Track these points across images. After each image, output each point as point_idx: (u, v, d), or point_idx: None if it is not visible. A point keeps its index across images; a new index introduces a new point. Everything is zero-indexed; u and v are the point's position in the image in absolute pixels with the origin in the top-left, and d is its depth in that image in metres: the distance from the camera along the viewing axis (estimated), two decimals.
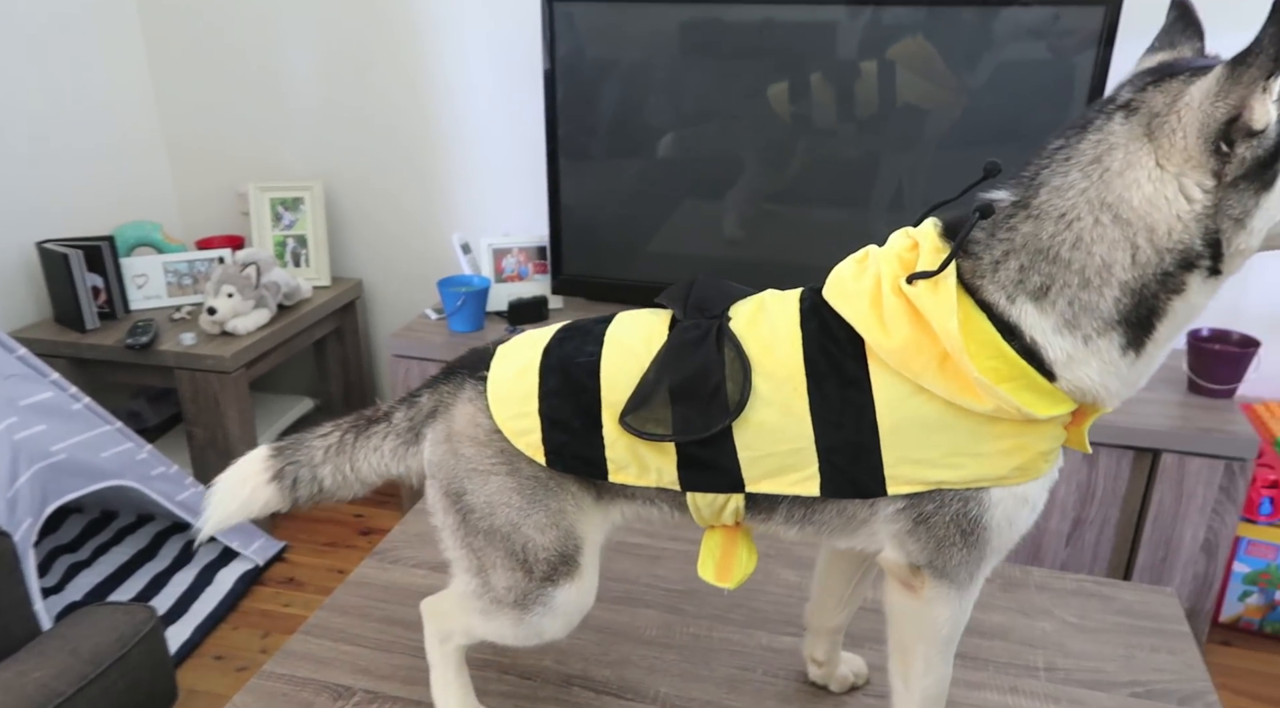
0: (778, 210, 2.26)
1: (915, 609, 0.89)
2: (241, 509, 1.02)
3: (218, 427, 2.32)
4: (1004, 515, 0.82)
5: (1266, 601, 2.05)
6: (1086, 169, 0.74)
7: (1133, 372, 0.78)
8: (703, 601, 1.27)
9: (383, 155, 2.71)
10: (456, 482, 0.93)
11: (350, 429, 1.02)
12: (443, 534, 0.97)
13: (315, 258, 2.72)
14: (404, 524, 1.48)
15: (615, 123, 2.29)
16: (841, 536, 0.90)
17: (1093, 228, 0.74)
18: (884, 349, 0.79)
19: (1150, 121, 0.72)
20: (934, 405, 0.78)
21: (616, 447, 0.88)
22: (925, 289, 0.77)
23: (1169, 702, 1.09)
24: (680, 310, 0.89)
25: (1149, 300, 0.74)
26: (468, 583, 0.97)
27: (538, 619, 0.94)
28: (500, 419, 0.91)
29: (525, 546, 0.91)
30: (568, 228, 2.41)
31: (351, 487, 1.03)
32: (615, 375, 0.88)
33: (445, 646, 1.04)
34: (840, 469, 0.83)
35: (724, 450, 0.85)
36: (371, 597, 1.29)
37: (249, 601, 2.16)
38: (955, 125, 2.07)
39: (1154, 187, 0.72)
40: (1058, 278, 0.75)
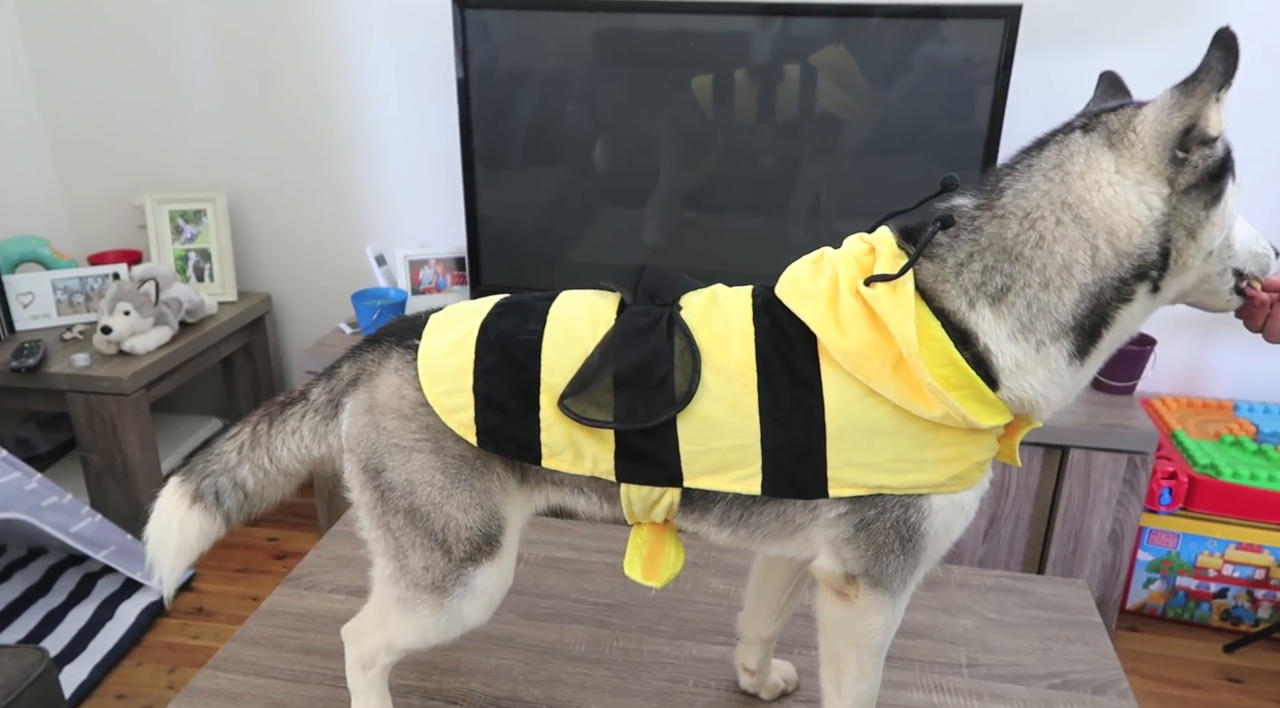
0: (698, 218, 2.27)
1: (848, 618, 0.89)
2: (182, 550, 0.96)
3: (116, 452, 2.19)
4: (942, 523, 0.83)
5: (1168, 587, 2.15)
6: (1049, 173, 0.78)
7: (1073, 382, 0.81)
8: (632, 613, 1.26)
9: (290, 165, 2.62)
10: (376, 457, 0.89)
11: (263, 419, 0.96)
12: (359, 513, 0.93)
13: (220, 272, 2.61)
14: (320, 548, 1.42)
15: (532, 131, 2.27)
16: (775, 541, 0.89)
17: (1055, 227, 0.77)
18: (839, 350, 0.79)
19: (1109, 135, 0.77)
20: (883, 410, 0.79)
21: (553, 431, 0.85)
22: (884, 292, 0.78)
23: (1084, 692, 1.12)
24: (630, 295, 0.87)
25: (1102, 307, 0.77)
26: (384, 567, 0.92)
27: (458, 603, 0.91)
28: (431, 394, 0.86)
29: (447, 526, 0.88)
30: (486, 238, 2.37)
31: (276, 482, 0.97)
32: (557, 357, 0.85)
33: (368, 672, 0.99)
34: (784, 469, 0.82)
35: (665, 443, 0.83)
36: (286, 626, 1.23)
37: (154, 634, 2.05)
38: (869, 135, 2.12)
39: (1114, 190, 0.75)
40: (1019, 277, 0.77)
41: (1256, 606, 2.12)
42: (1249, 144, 1.18)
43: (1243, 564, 2.08)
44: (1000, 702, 1.10)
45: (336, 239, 2.68)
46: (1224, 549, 2.07)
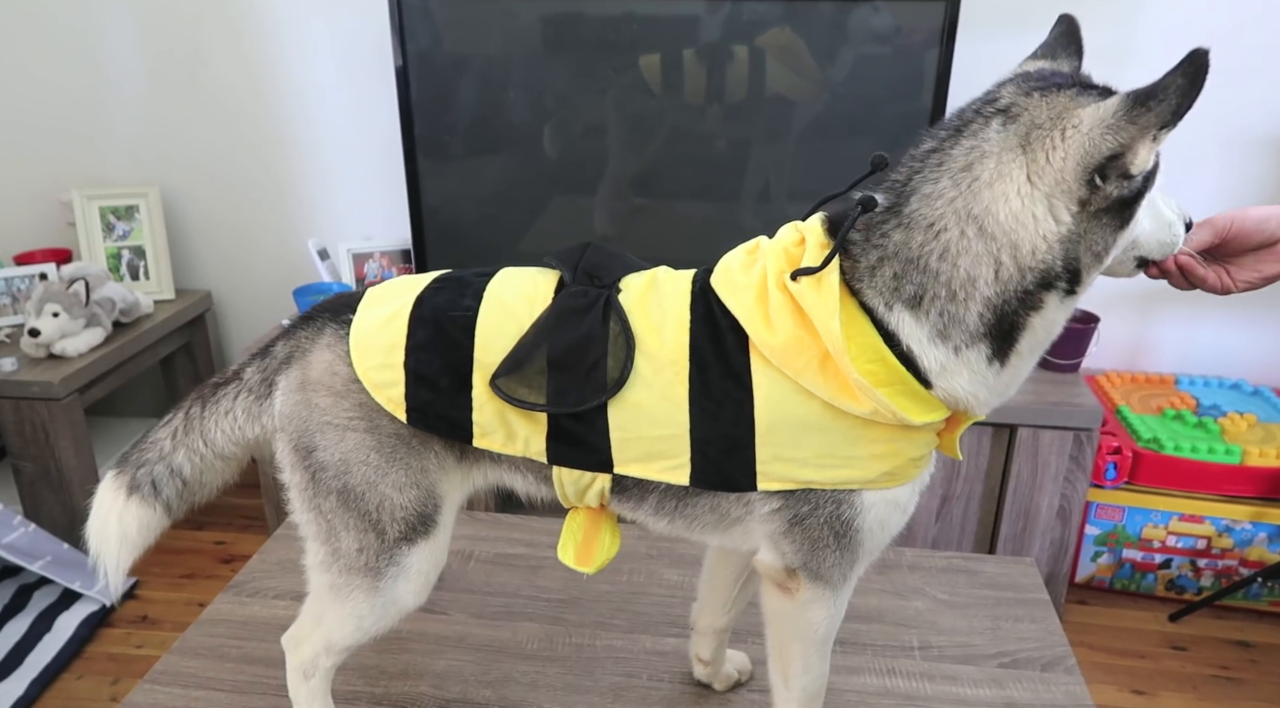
0: (649, 205, 2.25)
1: (791, 611, 0.88)
2: (123, 546, 0.93)
3: (49, 459, 2.11)
4: (876, 519, 0.82)
5: (1115, 560, 2.20)
6: (956, 177, 0.73)
7: (999, 381, 0.79)
8: (585, 609, 1.24)
9: (226, 158, 2.54)
10: (307, 436, 0.86)
11: (195, 402, 0.94)
12: (290, 495, 0.90)
13: (155, 270, 2.52)
14: (263, 552, 1.38)
15: (476, 120, 2.22)
16: (713, 532, 0.88)
17: (959, 240, 0.73)
18: (767, 346, 0.78)
19: (1029, 133, 0.71)
20: (812, 406, 0.78)
21: (484, 411, 0.83)
22: (808, 286, 0.76)
23: (1033, 669, 1.14)
24: (569, 274, 0.85)
25: (1010, 316, 0.75)
26: (316, 552, 0.90)
27: (392, 584, 0.89)
28: (361, 369, 0.84)
29: (381, 505, 0.86)
30: (431, 229, 2.32)
31: (214, 467, 0.95)
32: (491, 335, 0.83)
33: (310, 680, 0.97)
34: (712, 461, 0.81)
35: (595, 428, 0.82)
36: (228, 635, 1.19)
37: (96, 645, 1.98)
38: (817, 118, 2.11)
39: (1022, 203, 0.71)
40: (929, 288, 0.75)
41: (1199, 575, 2.17)
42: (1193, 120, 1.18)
43: (1186, 535, 2.13)
44: (951, 683, 1.11)
45: (277, 233, 2.61)
46: (1168, 521, 2.12)
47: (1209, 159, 2.20)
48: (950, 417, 0.81)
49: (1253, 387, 2.32)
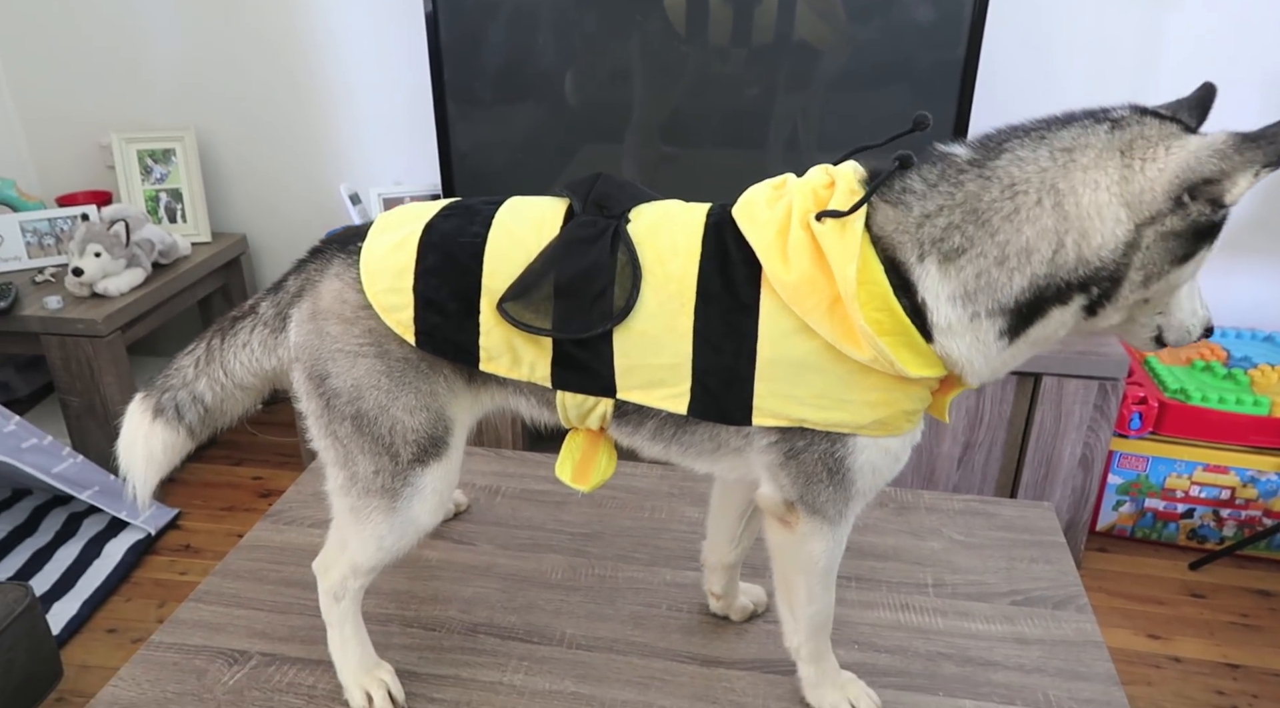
0: (676, 153, 2.24)
1: (792, 544, 0.91)
2: (149, 465, 0.98)
3: (94, 394, 2.19)
4: (868, 462, 0.85)
5: (1137, 508, 2.20)
6: (1056, 153, 0.75)
7: (999, 359, 0.80)
8: (608, 542, 1.28)
9: (259, 102, 2.56)
10: (320, 364, 0.90)
11: (216, 334, 0.98)
12: (308, 423, 0.94)
13: (192, 213, 2.57)
14: (299, 484, 1.43)
15: (506, 66, 2.22)
16: (709, 459, 0.90)
17: (1033, 206, 0.74)
18: (780, 282, 0.79)
19: (1133, 142, 0.73)
20: (814, 345, 0.79)
21: (491, 335, 0.85)
22: (832, 229, 0.77)
23: (1045, 607, 1.16)
24: (579, 203, 0.87)
25: (1042, 301, 0.76)
26: (335, 477, 0.94)
27: (407, 504, 0.92)
28: (371, 292, 0.87)
29: (393, 429, 0.89)
30: (461, 175, 2.34)
31: (234, 397, 0.99)
32: (499, 261, 0.85)
33: (341, 603, 1.01)
34: (711, 392, 0.83)
35: (600, 355, 0.84)
36: (266, 560, 1.25)
37: (142, 571, 2.08)
38: (847, 66, 2.08)
39: (1108, 197, 0.72)
40: (977, 244, 0.75)
41: (1221, 525, 2.17)
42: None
43: (1209, 485, 2.13)
44: (964, 618, 1.14)
45: (310, 178, 2.64)
46: (1192, 471, 2.12)
47: (1252, 103, 2.14)
48: (944, 378, 0.83)
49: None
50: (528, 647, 1.09)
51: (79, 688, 1.73)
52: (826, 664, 0.99)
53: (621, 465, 1.48)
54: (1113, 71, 2.18)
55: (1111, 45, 2.16)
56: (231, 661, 1.07)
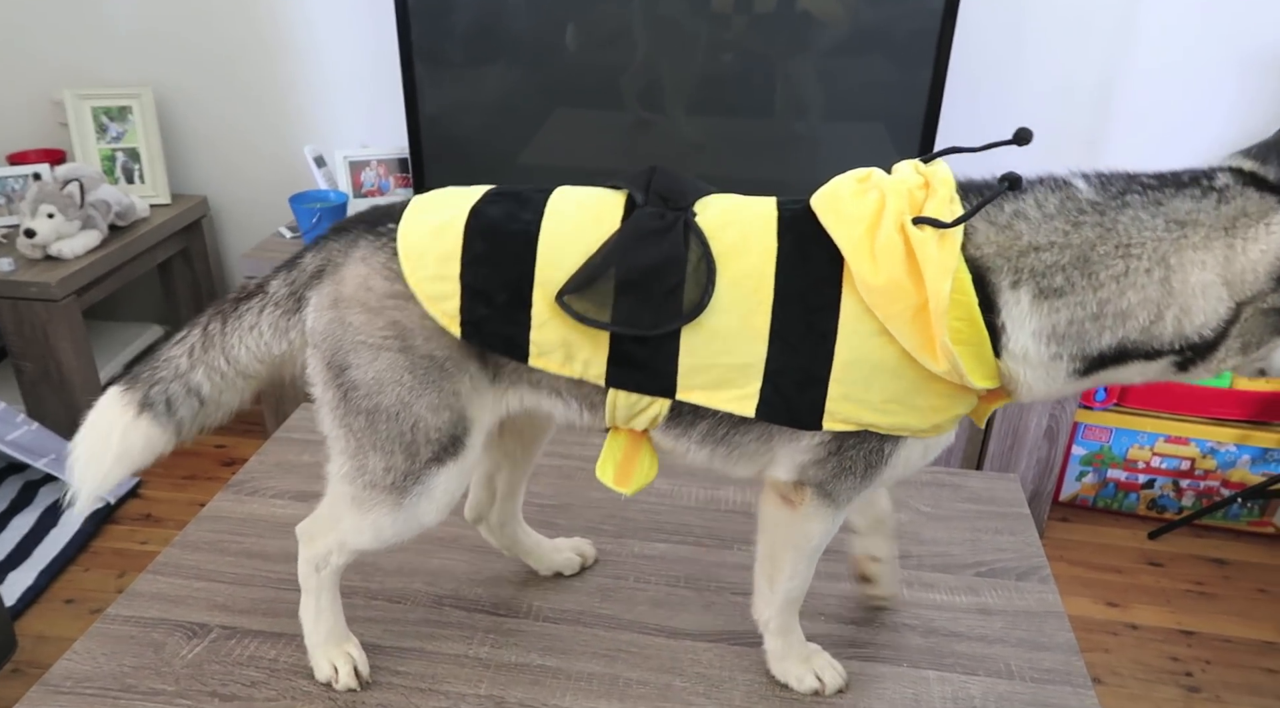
0: (653, 119, 2.20)
1: (789, 521, 0.90)
2: (119, 463, 0.90)
3: (49, 359, 2.13)
4: (905, 458, 0.84)
5: (1099, 479, 2.24)
6: (1170, 226, 0.73)
7: (1061, 391, 0.80)
8: (576, 514, 1.27)
9: (220, 60, 2.48)
10: (340, 355, 0.85)
11: (214, 318, 0.91)
12: (320, 410, 0.89)
13: (150, 173, 2.50)
14: (262, 453, 1.41)
15: (476, 27, 2.16)
16: (747, 463, 0.88)
17: (1143, 275, 0.73)
18: (865, 284, 0.76)
19: (1236, 220, 0.72)
20: (891, 351, 0.77)
21: (545, 329, 0.81)
22: (930, 238, 0.74)
23: (1008, 578, 1.17)
24: (641, 195, 0.82)
25: (1126, 356, 0.76)
26: (341, 465, 0.89)
27: (415, 502, 0.88)
28: (414, 279, 0.81)
29: (415, 427, 0.85)
30: (430, 139, 2.29)
31: (235, 386, 0.92)
32: (554, 251, 0.80)
33: (320, 572, 0.97)
34: (782, 394, 0.80)
35: (664, 353, 0.80)
36: (227, 531, 1.22)
37: (101, 541, 2.04)
38: (823, 34, 2.05)
39: (1212, 276, 0.72)
40: (1080, 294, 0.74)
41: (1181, 495, 2.22)
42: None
43: (1170, 456, 2.17)
44: (928, 590, 1.15)
45: (273, 139, 2.57)
46: (1153, 442, 2.16)
47: (1227, 80, 2.14)
48: (993, 390, 0.81)
49: None
50: (494, 619, 1.08)
51: (35, 659, 1.70)
52: (794, 638, 0.99)
53: (591, 435, 1.47)
54: (1086, 43, 2.17)
55: (1085, 18, 2.15)
56: (191, 634, 1.05)
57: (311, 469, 1.36)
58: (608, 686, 0.99)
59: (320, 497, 1.28)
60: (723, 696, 0.98)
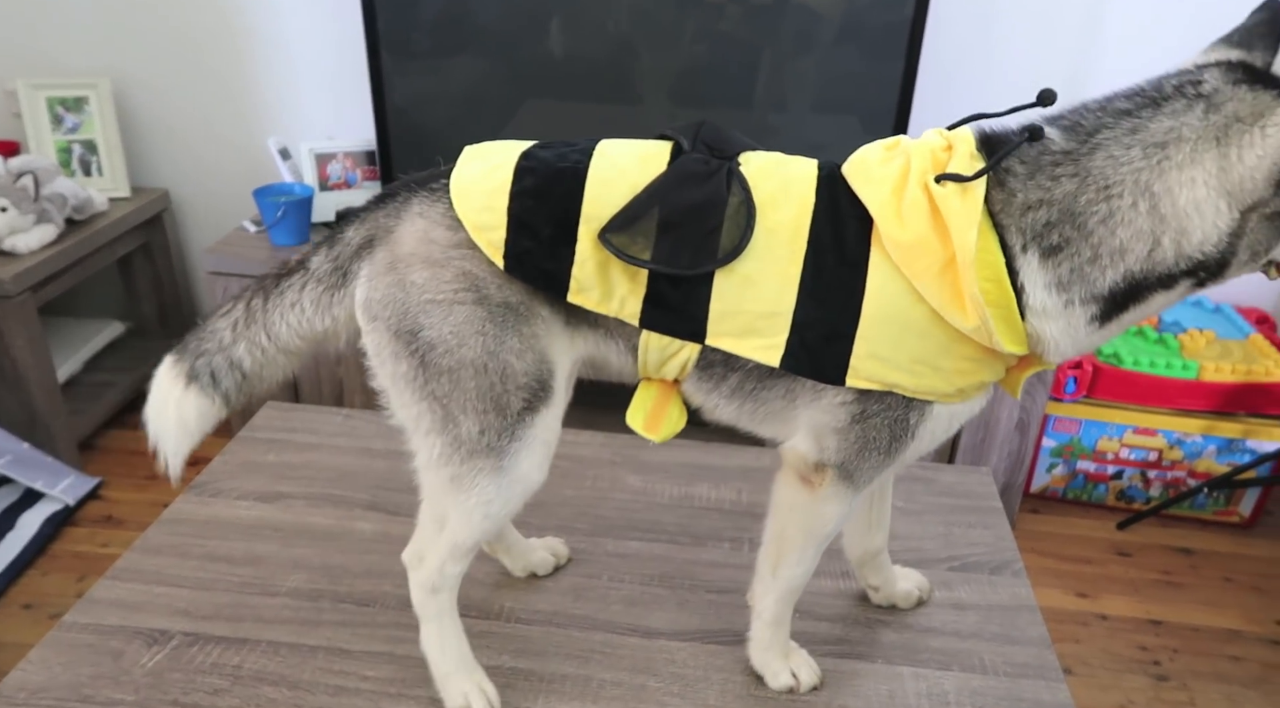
0: (624, 111, 2.18)
1: (806, 503, 0.89)
2: (182, 432, 0.91)
3: (3, 357, 2.07)
4: (931, 429, 0.84)
5: (1069, 471, 2.26)
6: (1149, 150, 0.73)
7: (1088, 340, 0.80)
8: (549, 512, 1.26)
9: (182, 49, 2.42)
10: (409, 318, 0.82)
11: (257, 293, 0.90)
12: (395, 390, 0.86)
13: (109, 166, 2.43)
14: (226, 453, 1.38)
15: (443, 16, 2.13)
16: (773, 421, 0.88)
17: (1128, 210, 0.73)
18: (893, 241, 0.77)
19: (1229, 126, 0.70)
20: (919, 310, 0.77)
21: (586, 266, 0.80)
22: (954, 193, 0.75)
23: (981, 572, 1.17)
24: (689, 142, 0.83)
25: (1140, 290, 0.75)
26: (432, 447, 0.86)
27: (514, 461, 0.86)
28: (462, 210, 0.81)
29: (505, 375, 0.83)
30: (398, 130, 2.25)
31: (276, 362, 0.91)
32: (601, 189, 0.80)
33: (439, 595, 0.94)
34: (808, 346, 0.80)
35: (696, 296, 0.80)
36: (189, 534, 1.19)
37: (61, 544, 1.99)
38: (796, 26, 2.04)
39: (1206, 193, 0.71)
40: (1073, 244, 0.75)
41: (1149, 485, 2.24)
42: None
43: (1138, 447, 2.19)
44: None
45: (237, 130, 2.52)
46: (1122, 434, 2.18)
47: None
48: (1024, 356, 0.81)
49: (1214, 304, 2.35)
50: (465, 621, 1.06)
51: None
52: (782, 631, 0.99)
53: (564, 433, 1.45)
54: (1055, 35, 2.18)
55: (1054, 10, 2.16)
56: (151, 641, 1.02)
57: (277, 469, 1.33)
58: (581, 687, 0.98)
59: (287, 497, 1.26)
60: (697, 695, 0.97)
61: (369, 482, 1.30)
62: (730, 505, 1.28)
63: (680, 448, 1.40)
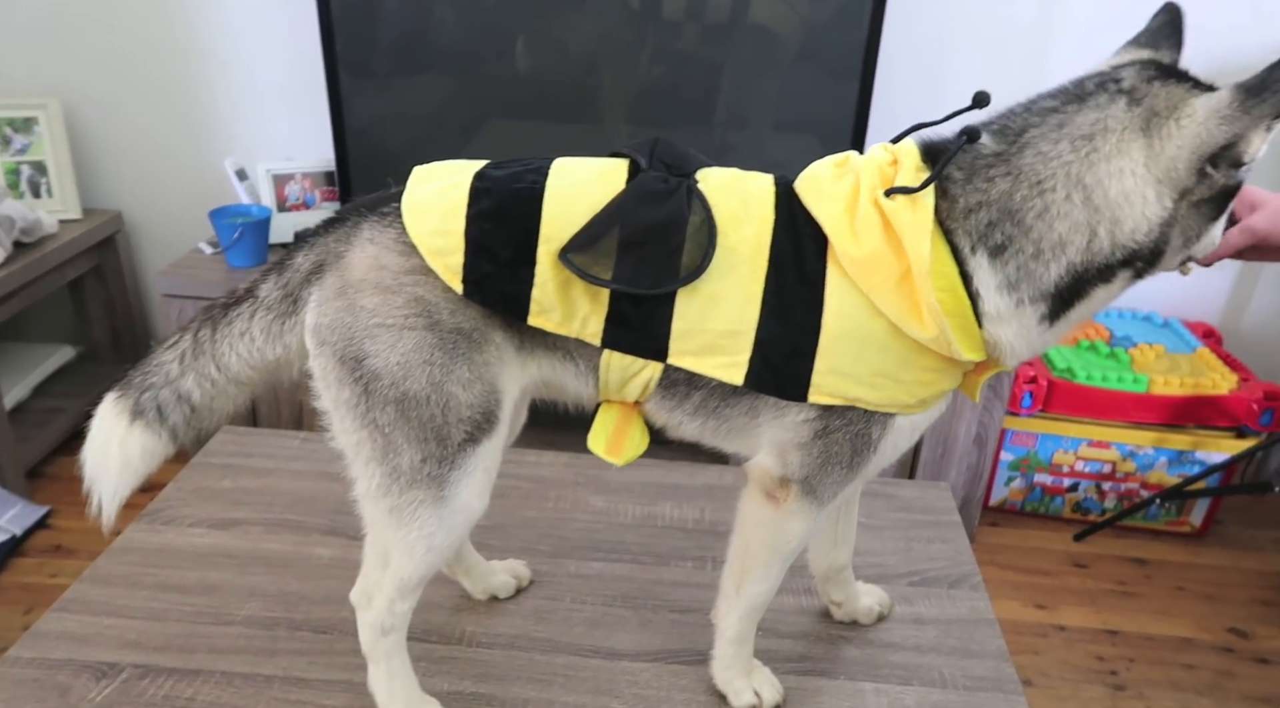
0: (586, 130, 2.19)
1: (771, 519, 0.89)
2: (125, 472, 0.88)
3: None
4: (893, 442, 0.85)
5: (1027, 484, 2.30)
6: (1076, 143, 0.75)
7: (1039, 340, 0.81)
8: (510, 534, 1.25)
9: (135, 68, 2.39)
10: (355, 344, 0.81)
11: (204, 323, 0.88)
12: (338, 415, 0.84)
13: (59, 187, 2.39)
14: (179, 479, 1.35)
15: (403, 35, 2.13)
16: (736, 437, 0.88)
17: (1062, 203, 0.75)
18: (848, 256, 0.78)
19: (1149, 119, 0.73)
20: (877, 324, 0.78)
21: (546, 287, 0.80)
22: (903, 205, 0.76)
23: (941, 586, 1.18)
24: (645, 160, 0.82)
25: (1082, 284, 0.77)
26: (370, 477, 0.84)
27: (455, 490, 0.84)
28: (416, 233, 0.79)
29: (446, 407, 0.81)
30: (357, 151, 2.24)
31: (227, 393, 0.89)
32: (559, 208, 0.79)
33: (388, 636, 0.93)
34: (770, 364, 0.80)
35: (658, 315, 0.80)
36: (140, 564, 1.17)
37: (7, 575, 1.93)
38: (752, 46, 2.07)
39: (1135, 183, 0.73)
40: (1016, 241, 0.76)
41: (1103, 497, 2.29)
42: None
43: (1093, 460, 2.23)
44: None
45: (192, 150, 2.49)
46: (1077, 447, 2.22)
47: None
48: (980, 362, 0.83)
49: (1163, 319, 2.42)
50: (425, 647, 1.05)
51: None
52: (745, 649, 0.99)
53: (525, 453, 1.44)
54: (1006, 60, 2.23)
55: (1004, 36, 2.22)
56: (100, 674, 0.99)
57: (232, 495, 1.30)
58: None
59: (243, 523, 1.24)
60: None
61: (328, 506, 1.28)
62: (694, 524, 1.28)
63: (644, 467, 1.40)
